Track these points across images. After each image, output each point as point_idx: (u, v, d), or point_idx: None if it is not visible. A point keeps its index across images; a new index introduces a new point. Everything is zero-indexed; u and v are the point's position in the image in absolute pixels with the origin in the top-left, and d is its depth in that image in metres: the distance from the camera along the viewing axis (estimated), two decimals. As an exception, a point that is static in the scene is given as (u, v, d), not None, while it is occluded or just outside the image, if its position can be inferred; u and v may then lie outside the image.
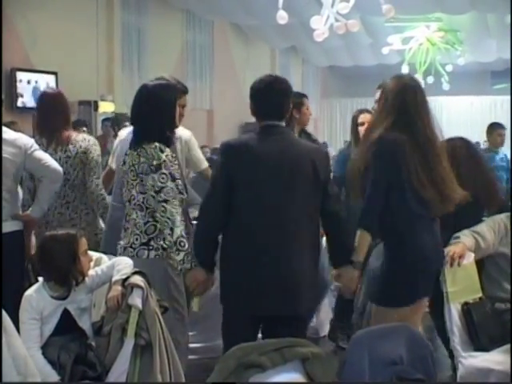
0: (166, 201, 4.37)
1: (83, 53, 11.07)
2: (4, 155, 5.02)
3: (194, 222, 4.60)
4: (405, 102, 4.65)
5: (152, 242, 4.46)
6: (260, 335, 4.39)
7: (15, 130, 5.51)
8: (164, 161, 4.41)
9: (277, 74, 13.63)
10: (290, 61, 19.20)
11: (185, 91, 5.27)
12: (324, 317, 6.86)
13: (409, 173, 4.29)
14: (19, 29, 9.84)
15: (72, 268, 4.11)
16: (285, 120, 4.44)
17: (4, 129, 5.19)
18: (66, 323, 4.12)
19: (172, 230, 4.32)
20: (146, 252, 4.46)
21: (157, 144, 4.44)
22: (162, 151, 4.42)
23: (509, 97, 20.48)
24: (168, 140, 4.58)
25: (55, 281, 4.13)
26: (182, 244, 4.29)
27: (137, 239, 4.50)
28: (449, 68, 14.53)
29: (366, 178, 4.37)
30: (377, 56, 16.24)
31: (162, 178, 4.39)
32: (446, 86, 14.75)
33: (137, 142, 4.54)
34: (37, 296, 4.09)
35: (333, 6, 6.49)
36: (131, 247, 4.52)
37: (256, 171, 4.21)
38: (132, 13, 12.37)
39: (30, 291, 4.13)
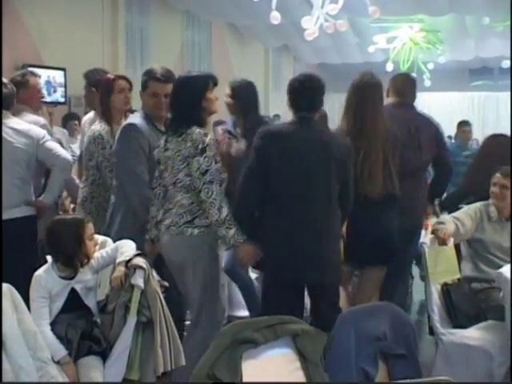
0: (211, 182, 4.45)
1: (90, 50, 11.03)
2: (17, 145, 5.02)
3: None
4: (364, 98, 4.75)
5: (196, 221, 4.53)
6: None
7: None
8: (208, 144, 4.47)
9: (269, 72, 13.50)
10: (282, 58, 19.17)
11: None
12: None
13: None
14: (30, 28, 9.80)
15: (77, 251, 4.10)
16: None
17: (18, 120, 5.19)
18: (73, 301, 4.11)
19: (220, 208, 4.39)
20: (190, 230, 4.51)
21: (199, 129, 4.51)
22: (206, 135, 4.50)
23: (485, 93, 20.54)
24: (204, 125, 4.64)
25: (62, 262, 4.12)
26: (231, 221, 4.39)
27: (180, 218, 4.55)
28: (430, 66, 14.52)
29: None
30: (363, 54, 16.21)
31: (207, 161, 4.46)
32: (427, 83, 14.74)
33: (176, 128, 4.59)
34: (46, 276, 4.08)
35: (322, 7, 6.48)
36: (175, 226, 4.55)
37: (291, 155, 4.42)
38: (135, 13, 12.34)
39: (39, 271, 4.12)
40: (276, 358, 2.95)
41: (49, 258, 4.17)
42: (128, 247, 4.30)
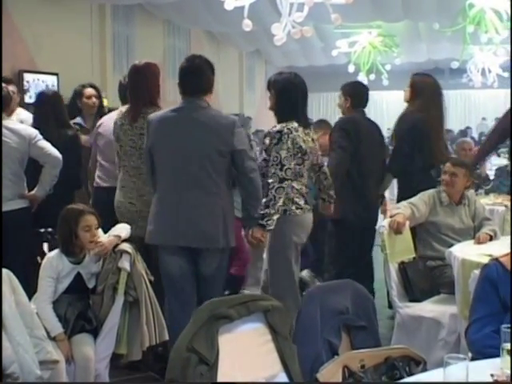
0: None
1: (80, 56, 10.97)
2: (11, 144, 4.99)
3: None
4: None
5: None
6: None
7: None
8: None
9: (243, 74, 13.43)
10: (255, 62, 19.13)
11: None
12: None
13: None
14: (25, 37, 9.73)
15: (69, 241, 4.08)
16: None
17: (12, 121, 5.15)
18: (77, 284, 4.11)
19: None
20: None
21: None
22: None
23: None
24: None
25: (60, 249, 4.12)
26: None
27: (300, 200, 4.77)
28: (387, 67, 14.53)
29: None
30: (327, 57, 16.19)
31: None
32: (385, 82, 14.76)
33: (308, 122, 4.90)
34: (57, 258, 4.09)
35: (290, 15, 6.44)
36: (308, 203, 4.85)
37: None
38: (121, 23, 12.27)
39: (52, 253, 4.14)
40: (249, 332, 2.94)
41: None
42: (122, 228, 4.30)
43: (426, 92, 5.96)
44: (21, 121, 5.78)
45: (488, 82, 14.29)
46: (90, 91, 6.48)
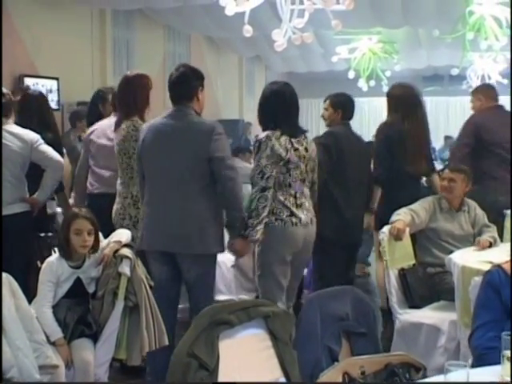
0: None
1: (80, 61, 10.96)
2: (13, 148, 5.00)
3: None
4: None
5: None
6: None
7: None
8: None
9: (243, 79, 13.44)
10: (254, 68, 19.12)
11: None
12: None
13: None
14: (26, 41, 9.72)
15: (63, 244, 4.11)
16: None
17: (14, 126, 5.16)
18: (76, 288, 4.13)
19: None
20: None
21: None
22: None
23: (436, 97, 20.63)
24: None
25: (59, 254, 4.13)
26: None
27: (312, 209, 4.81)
28: (387, 73, 14.52)
29: None
30: (327, 63, 16.18)
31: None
32: (385, 89, 14.70)
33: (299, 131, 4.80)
34: (57, 262, 4.09)
35: (290, 21, 6.44)
36: (314, 216, 4.80)
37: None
38: (121, 27, 12.27)
39: (52, 257, 4.15)
40: (249, 338, 2.94)
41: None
42: (122, 233, 4.31)
43: (401, 104, 5.92)
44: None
45: (488, 89, 14.29)
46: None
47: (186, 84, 4.51)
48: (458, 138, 6.42)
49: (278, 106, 4.72)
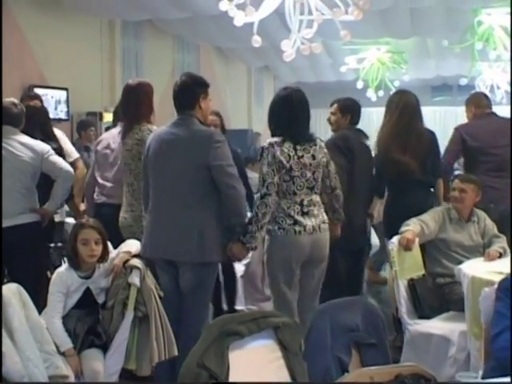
0: None
1: (89, 71, 11.00)
2: (24, 158, 5.04)
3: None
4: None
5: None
6: None
7: None
8: None
9: (252, 90, 13.43)
10: (263, 78, 19.15)
11: None
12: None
13: None
14: (35, 52, 9.76)
15: (70, 254, 4.12)
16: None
17: (24, 136, 5.18)
18: (86, 299, 4.13)
19: None
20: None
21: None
22: None
23: (445, 107, 20.61)
24: None
25: (68, 264, 4.14)
26: None
27: (323, 216, 4.75)
28: (396, 83, 14.51)
29: None
30: (336, 73, 16.20)
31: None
32: (394, 99, 14.72)
33: (305, 138, 4.73)
34: (67, 273, 4.10)
35: (299, 32, 6.46)
36: (324, 223, 4.74)
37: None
38: (130, 38, 12.30)
39: (62, 268, 4.16)
40: (259, 349, 2.94)
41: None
42: (132, 244, 4.33)
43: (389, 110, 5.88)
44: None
45: (496, 98, 14.24)
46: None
47: (188, 93, 4.54)
48: (445, 148, 6.38)
49: (284, 112, 4.72)
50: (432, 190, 5.87)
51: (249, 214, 4.69)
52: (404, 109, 5.73)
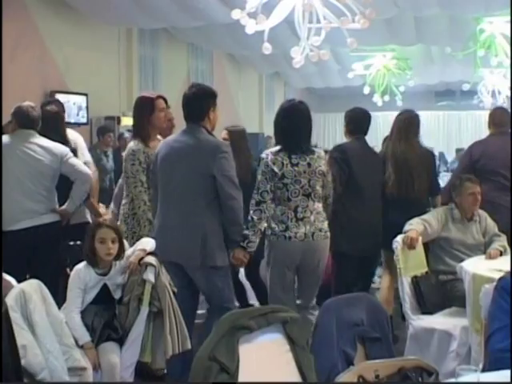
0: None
1: (108, 78, 11.05)
2: (45, 162, 5.06)
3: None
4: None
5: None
6: None
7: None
8: None
9: (263, 95, 13.46)
10: (274, 84, 19.16)
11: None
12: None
13: None
14: (57, 59, 9.81)
15: (88, 252, 4.13)
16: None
17: (43, 139, 5.19)
18: (103, 295, 4.14)
19: None
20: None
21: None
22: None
23: (448, 112, 20.56)
24: None
25: (87, 261, 4.15)
26: None
27: (323, 224, 4.70)
28: (401, 89, 14.50)
29: None
30: (344, 79, 16.18)
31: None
32: (399, 103, 14.72)
33: (302, 148, 4.68)
34: (84, 270, 4.11)
35: (308, 39, 6.45)
36: (321, 231, 4.68)
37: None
38: (147, 45, 12.35)
39: (80, 265, 4.16)
40: (268, 342, 2.94)
41: None
42: (147, 242, 4.33)
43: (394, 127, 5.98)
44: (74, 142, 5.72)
45: (498, 103, 14.21)
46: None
47: (197, 104, 4.56)
48: (458, 162, 6.31)
49: (284, 122, 4.75)
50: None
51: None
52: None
